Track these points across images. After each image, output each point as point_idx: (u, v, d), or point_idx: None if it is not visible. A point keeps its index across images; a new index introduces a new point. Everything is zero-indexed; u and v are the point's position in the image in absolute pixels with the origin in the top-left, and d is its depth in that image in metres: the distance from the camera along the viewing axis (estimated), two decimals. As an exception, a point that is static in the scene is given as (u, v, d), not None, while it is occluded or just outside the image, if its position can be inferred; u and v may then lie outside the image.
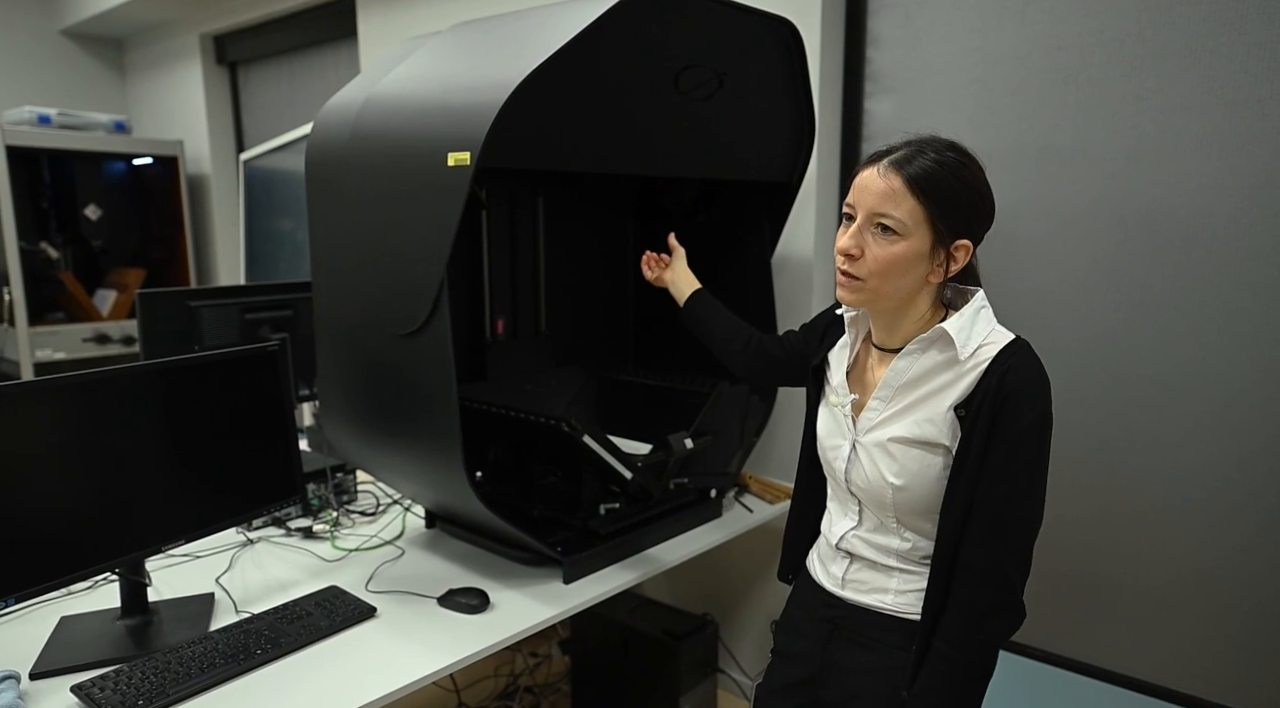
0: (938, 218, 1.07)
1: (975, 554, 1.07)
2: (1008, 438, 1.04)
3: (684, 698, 2.16)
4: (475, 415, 1.76)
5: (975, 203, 1.09)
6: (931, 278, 1.11)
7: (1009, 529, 1.07)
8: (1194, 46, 1.70)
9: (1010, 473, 1.05)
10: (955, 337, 1.08)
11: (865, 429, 1.18)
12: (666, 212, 2.30)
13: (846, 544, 1.24)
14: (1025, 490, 1.07)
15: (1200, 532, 1.79)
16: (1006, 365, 1.06)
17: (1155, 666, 1.88)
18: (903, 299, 1.13)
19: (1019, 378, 1.05)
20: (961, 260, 1.10)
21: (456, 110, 1.40)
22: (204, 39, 4.26)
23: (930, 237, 1.08)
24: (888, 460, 1.14)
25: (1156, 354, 1.81)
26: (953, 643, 1.08)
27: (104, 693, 1.22)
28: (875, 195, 1.08)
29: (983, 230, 1.13)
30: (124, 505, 1.42)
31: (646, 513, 1.87)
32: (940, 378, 1.11)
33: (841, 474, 1.21)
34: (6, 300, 3.82)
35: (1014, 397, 1.04)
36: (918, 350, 1.13)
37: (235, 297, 2.06)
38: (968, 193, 1.08)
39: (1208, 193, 1.72)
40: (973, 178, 1.09)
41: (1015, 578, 1.08)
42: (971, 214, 1.09)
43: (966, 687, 1.10)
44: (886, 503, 1.16)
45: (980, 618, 1.07)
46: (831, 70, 2.18)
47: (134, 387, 1.43)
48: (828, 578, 1.28)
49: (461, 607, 1.54)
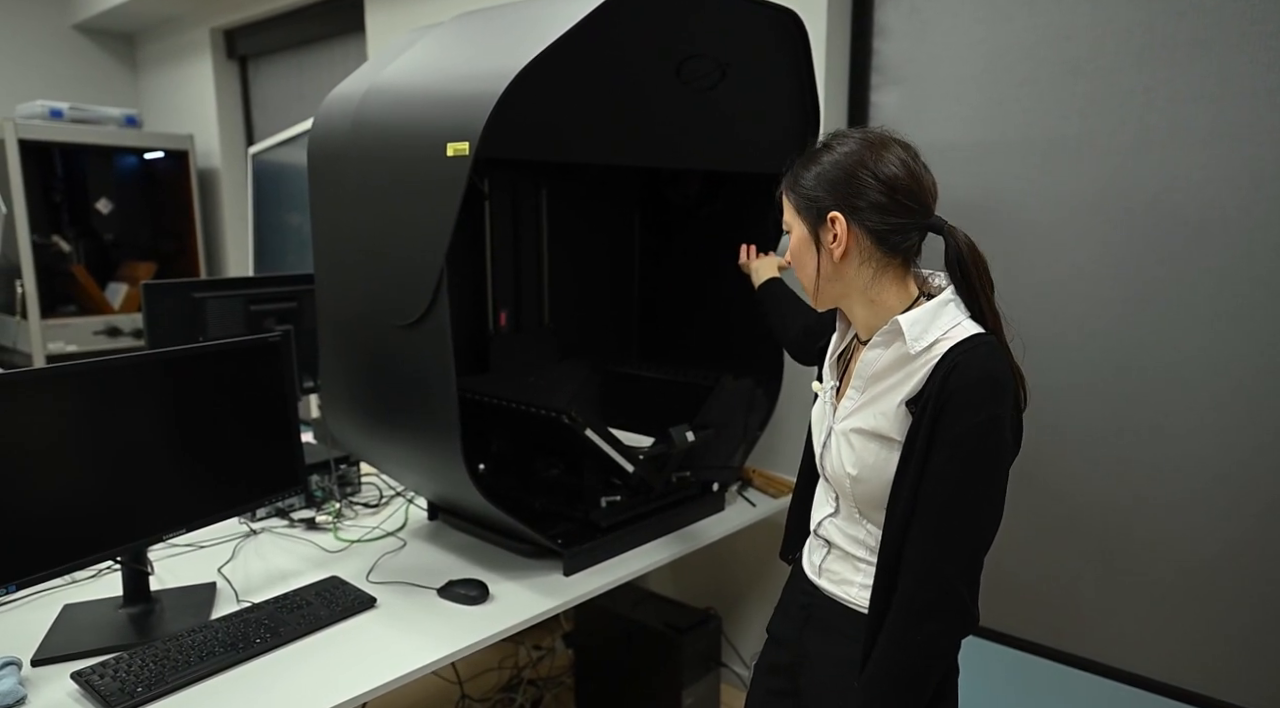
0: (799, 203, 1.12)
1: (915, 554, 1.05)
2: (948, 439, 1.01)
3: (687, 692, 2.16)
4: (477, 408, 1.76)
5: (836, 175, 1.08)
6: (830, 260, 1.10)
7: (949, 533, 1.03)
8: (1204, 37, 1.67)
9: (951, 476, 1.02)
10: (906, 330, 1.07)
11: (840, 418, 1.18)
12: (670, 203, 2.29)
13: (824, 531, 1.24)
14: (967, 495, 1.03)
15: (1207, 526, 1.77)
16: (953, 363, 1.02)
17: (1160, 662, 1.86)
18: (841, 292, 1.14)
19: (963, 378, 1.00)
20: (839, 231, 1.08)
21: (456, 100, 1.40)
22: (214, 33, 4.27)
23: (804, 222, 1.12)
24: (848, 450, 1.14)
25: (1163, 347, 1.79)
26: (893, 640, 1.06)
27: (104, 680, 1.23)
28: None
29: (860, 198, 1.07)
30: (127, 494, 1.43)
31: (648, 506, 1.86)
32: (902, 371, 1.09)
33: (819, 460, 1.23)
34: (19, 293, 3.85)
35: (956, 397, 1.00)
36: (882, 343, 1.12)
37: (240, 288, 2.07)
38: (825, 170, 1.09)
39: (1217, 185, 1.69)
40: (830, 156, 1.10)
41: (957, 582, 1.04)
42: (828, 187, 1.08)
43: (907, 686, 1.06)
44: (847, 492, 1.17)
45: (917, 618, 1.04)
46: (837, 61, 2.16)
47: (137, 376, 1.44)
48: (809, 565, 1.28)
49: (461, 598, 1.54)
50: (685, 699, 2.16)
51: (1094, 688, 1.95)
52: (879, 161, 1.07)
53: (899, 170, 1.07)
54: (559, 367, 2.20)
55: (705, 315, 2.30)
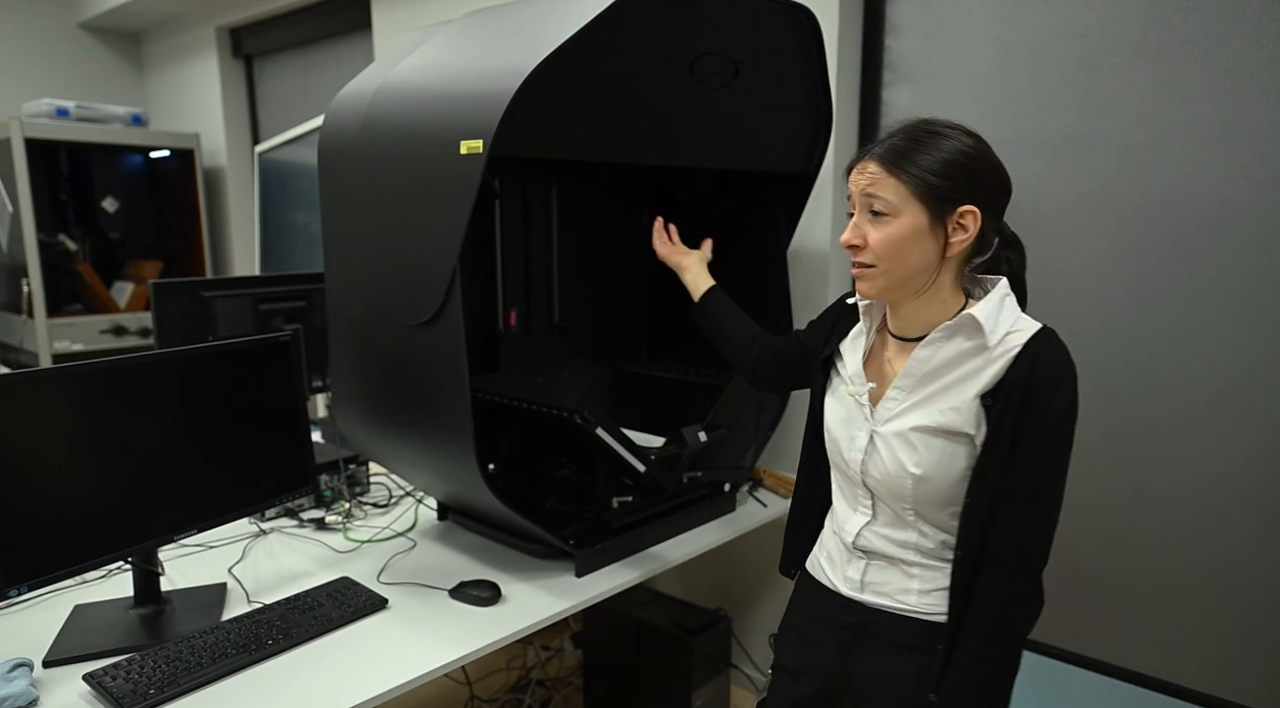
0: (922, 189, 1.05)
1: (1003, 545, 1.07)
2: (1036, 428, 1.04)
3: (696, 693, 2.15)
4: (487, 407, 1.75)
5: (964, 166, 1.06)
6: (947, 253, 1.08)
7: (1036, 519, 1.07)
8: (1221, 33, 1.66)
9: (1038, 463, 1.05)
10: (984, 323, 1.06)
11: (884, 419, 1.14)
12: (681, 202, 2.28)
13: (863, 542, 1.19)
14: (1052, 482, 1.07)
15: (1215, 523, 1.76)
16: (1035, 354, 1.04)
17: (1168, 662, 1.85)
18: (921, 284, 1.11)
19: (1048, 367, 1.03)
20: (972, 228, 1.06)
21: (469, 98, 1.39)
22: (220, 32, 4.27)
23: (924, 210, 1.06)
24: (908, 451, 1.11)
25: (1175, 345, 1.78)
26: (981, 636, 1.08)
27: (116, 682, 1.22)
28: (861, 185, 1.10)
29: (987, 194, 1.07)
30: (137, 494, 1.42)
31: (659, 507, 1.85)
32: (966, 366, 1.08)
33: (857, 466, 1.17)
34: (25, 292, 3.85)
35: (1044, 386, 1.03)
36: (942, 338, 1.10)
37: (249, 287, 2.06)
38: (950, 158, 1.05)
39: (1234, 183, 1.68)
40: (952, 144, 1.07)
41: (1038, 567, 1.08)
42: (959, 179, 1.05)
43: (995, 681, 1.09)
44: (905, 494, 1.13)
45: (1008, 609, 1.07)
46: (849, 59, 2.14)
47: (147, 376, 1.43)
48: (844, 582, 1.23)
49: (473, 599, 1.53)
50: (695, 701, 2.15)
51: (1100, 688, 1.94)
52: (996, 161, 1.09)
53: (1006, 175, 1.10)
54: (569, 366, 2.19)
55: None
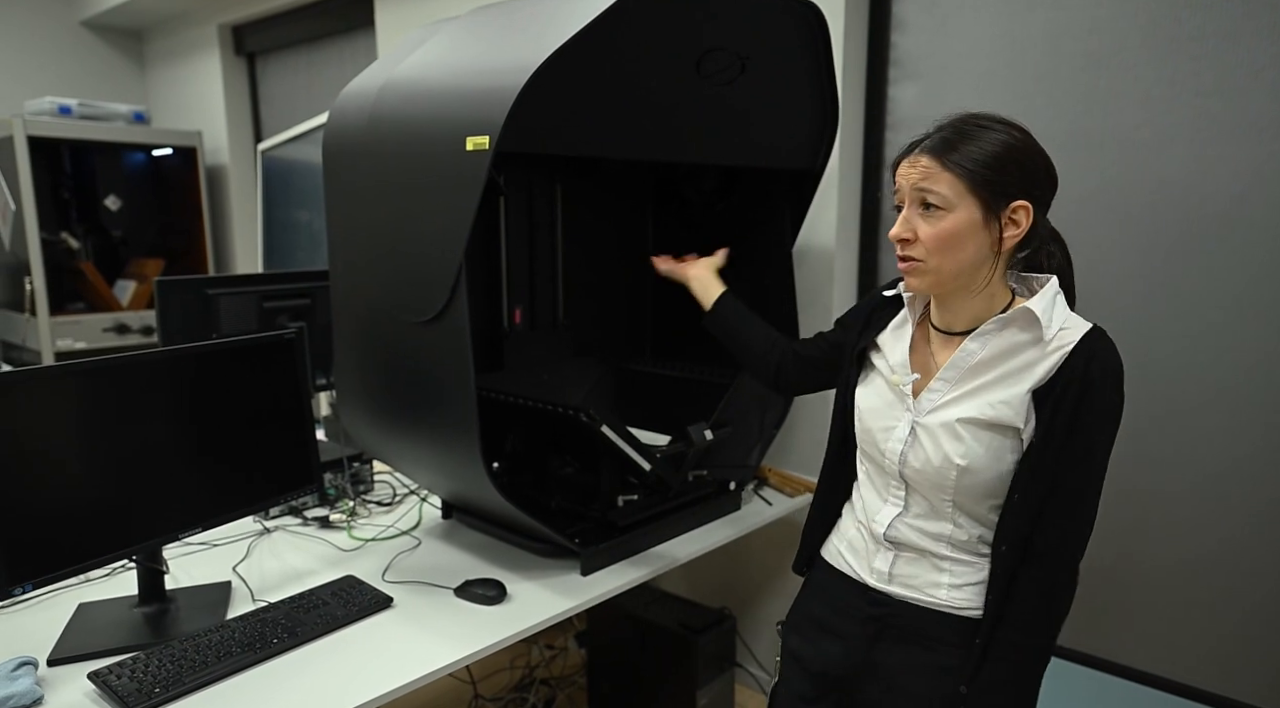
0: (977, 184, 1.05)
1: (1049, 538, 1.07)
2: (1089, 424, 1.05)
3: (701, 692, 2.14)
4: (493, 406, 1.74)
5: (1017, 160, 1.06)
6: (997, 247, 1.08)
7: (1080, 516, 1.08)
8: (1232, 28, 1.65)
9: (1087, 460, 1.06)
10: (1041, 316, 1.06)
11: (927, 410, 1.14)
12: (686, 200, 2.27)
13: (894, 533, 1.18)
14: (1096, 481, 1.08)
15: (1223, 521, 1.75)
16: (1092, 351, 1.05)
17: (1175, 661, 1.84)
18: (969, 279, 1.10)
19: (1104, 366, 1.05)
20: (1024, 223, 1.07)
21: (475, 94, 1.38)
22: (222, 29, 4.26)
23: (978, 205, 1.06)
24: (954, 442, 1.10)
25: (1184, 342, 1.77)
26: (1022, 628, 1.08)
27: (120, 681, 1.22)
28: (913, 179, 1.09)
29: (1038, 189, 1.08)
30: (141, 493, 1.41)
31: (665, 505, 1.85)
32: (1018, 359, 1.09)
33: (895, 456, 1.16)
34: (28, 290, 3.84)
35: (1098, 384, 1.04)
36: (993, 330, 1.10)
37: (253, 285, 2.06)
38: (1003, 152, 1.05)
39: (1243, 179, 1.67)
40: (1011, 140, 1.07)
41: (1079, 560, 1.10)
42: (1013, 173, 1.05)
43: (1033, 672, 1.11)
44: (947, 486, 1.12)
45: (1050, 600, 1.08)
46: (855, 55, 2.14)
47: (151, 373, 1.42)
48: (871, 573, 1.22)
49: (478, 598, 1.53)
50: (700, 700, 2.15)
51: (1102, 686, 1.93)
52: (1044, 152, 1.09)
53: (1052, 164, 1.10)
54: (574, 364, 2.19)
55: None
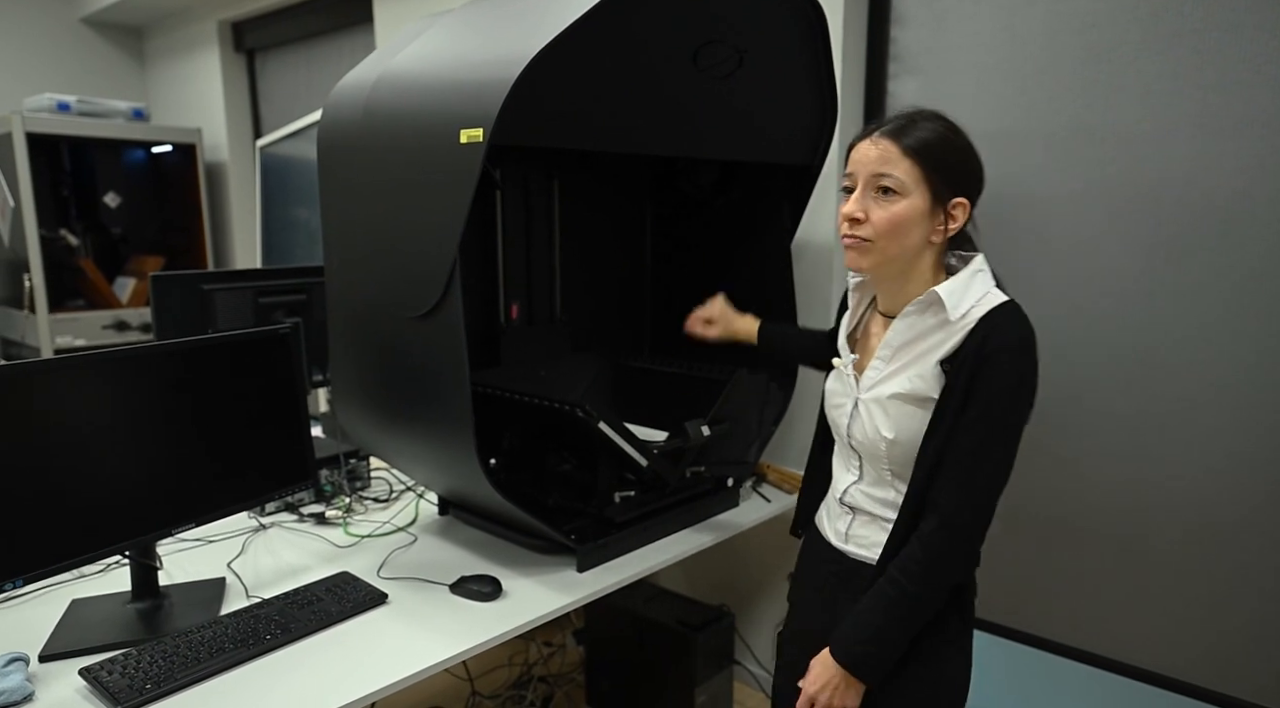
0: (933, 176, 1.13)
1: (941, 497, 1.14)
2: (983, 396, 1.10)
3: (699, 689, 2.14)
4: (489, 401, 1.73)
5: (966, 163, 1.16)
6: (933, 237, 1.17)
7: (974, 478, 1.13)
8: (1235, 20, 1.63)
9: (982, 426, 1.11)
10: (945, 299, 1.14)
11: (867, 387, 1.24)
12: (684, 194, 2.26)
13: (849, 498, 1.30)
14: (993, 447, 1.12)
15: (1223, 520, 1.74)
16: (992, 325, 1.11)
17: (1181, 660, 1.83)
18: (907, 263, 1.18)
19: (1001, 339, 1.10)
20: (960, 218, 1.16)
21: (469, 86, 1.37)
22: (222, 26, 4.26)
23: (928, 195, 1.14)
24: (884, 416, 1.20)
25: (1186, 337, 1.75)
26: (903, 571, 1.15)
27: (112, 677, 1.21)
28: (872, 161, 1.15)
29: (975, 192, 1.18)
30: (134, 487, 1.40)
31: (662, 502, 1.84)
32: (934, 337, 1.17)
33: (844, 430, 1.28)
34: (27, 287, 3.84)
35: (994, 357, 1.10)
36: (915, 312, 1.19)
37: (248, 280, 2.05)
38: (957, 153, 1.15)
39: (1248, 174, 1.66)
40: (960, 141, 1.16)
41: (974, 527, 1.15)
42: (963, 173, 1.16)
43: (899, 615, 1.15)
44: (881, 455, 1.22)
45: (934, 555, 1.14)
46: (854, 50, 2.12)
47: (145, 368, 1.41)
48: (833, 534, 1.34)
49: (474, 594, 1.52)
50: (698, 697, 2.14)
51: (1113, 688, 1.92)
52: (977, 157, 1.18)
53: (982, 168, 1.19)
54: (571, 360, 2.17)
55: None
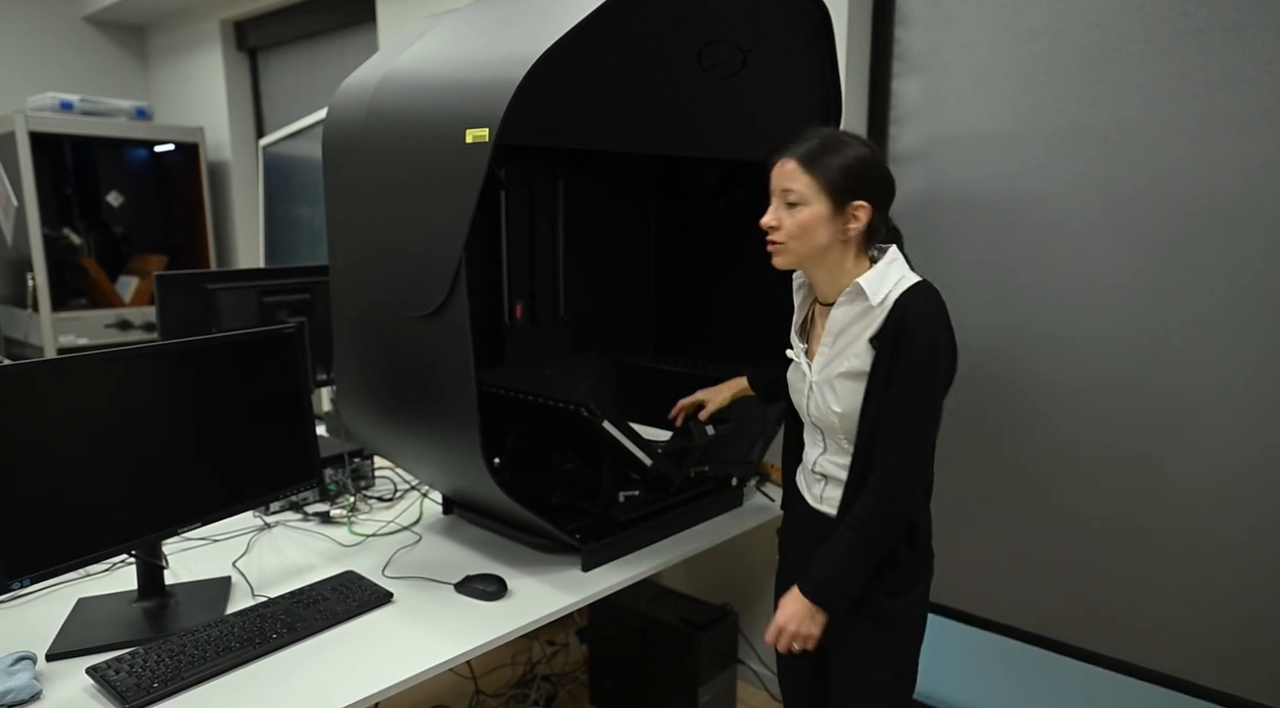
0: (828, 185, 1.31)
1: (883, 453, 1.33)
2: (906, 361, 1.29)
3: (703, 688, 2.14)
4: (493, 401, 1.73)
5: (863, 172, 1.32)
6: (842, 236, 1.34)
7: (908, 433, 1.31)
8: (1239, 19, 1.63)
9: (908, 388, 1.29)
10: (866, 288, 1.32)
11: (818, 370, 1.42)
12: (688, 194, 2.26)
13: (819, 468, 1.47)
14: (919, 402, 1.31)
15: (1229, 520, 1.74)
16: (905, 304, 1.30)
17: (1177, 658, 1.83)
18: (825, 259, 1.36)
19: (915, 313, 1.29)
20: (863, 218, 1.33)
21: (474, 86, 1.37)
22: (224, 25, 4.26)
23: (828, 202, 1.32)
24: (832, 394, 1.38)
25: (1190, 338, 1.75)
26: (857, 519, 1.35)
27: (119, 675, 1.21)
28: (780, 178, 1.36)
29: (877, 195, 1.34)
30: (140, 487, 1.41)
31: (666, 501, 1.84)
32: (864, 320, 1.34)
33: (805, 410, 1.46)
34: (30, 286, 3.84)
35: (910, 327, 1.28)
36: (846, 301, 1.36)
37: (253, 280, 2.05)
38: (853, 164, 1.31)
39: (1253, 173, 1.65)
40: (855, 152, 1.32)
41: (912, 474, 1.34)
42: (859, 181, 1.32)
43: (860, 555, 1.35)
44: (836, 428, 1.40)
45: (883, 502, 1.33)
46: (858, 49, 2.12)
47: (150, 367, 1.42)
48: (810, 497, 1.50)
49: (479, 593, 1.52)
50: (701, 697, 2.14)
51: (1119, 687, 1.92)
52: (883, 165, 1.36)
53: (891, 175, 1.37)
54: (576, 359, 2.18)
55: (722, 308, 2.27)
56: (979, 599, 2.14)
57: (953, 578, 2.16)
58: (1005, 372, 2.02)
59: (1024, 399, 1.99)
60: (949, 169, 2.05)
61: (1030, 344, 1.97)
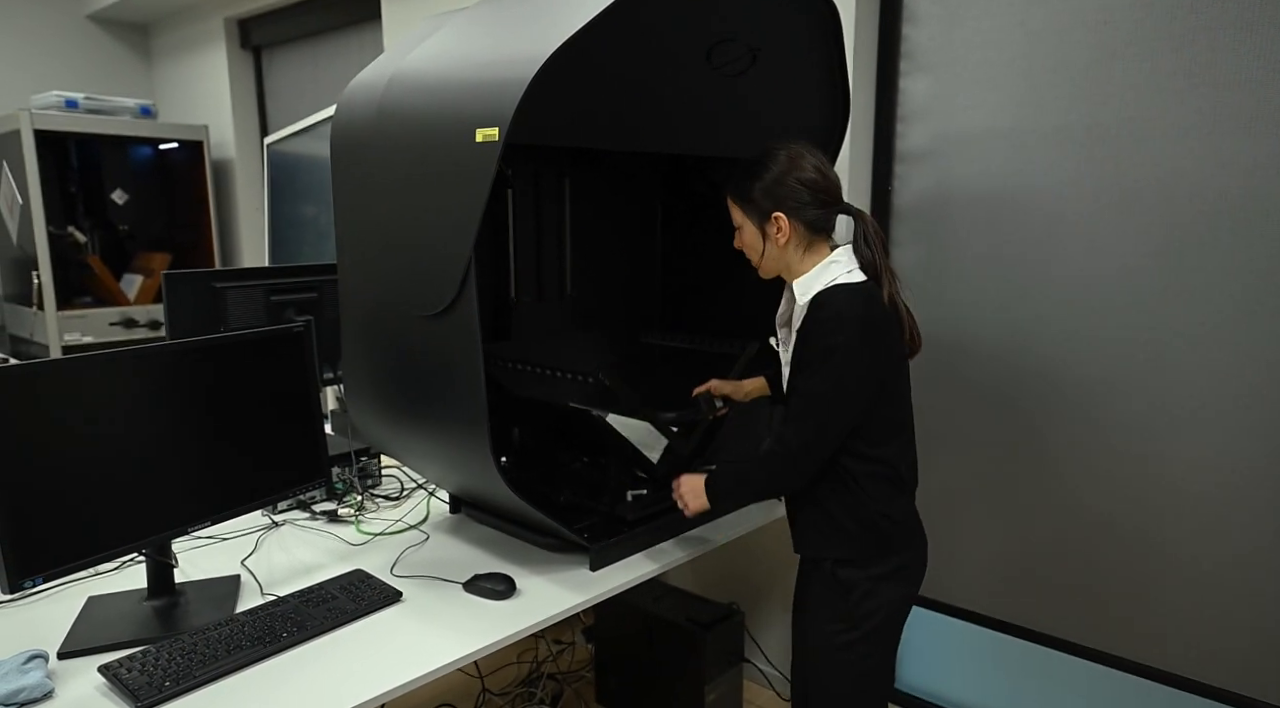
0: (751, 208, 1.48)
1: (783, 426, 1.47)
2: (809, 353, 1.42)
3: (709, 687, 2.14)
4: (499, 398, 1.73)
5: (773, 187, 1.45)
6: (779, 245, 1.47)
7: (801, 413, 1.44)
8: (1249, 18, 1.63)
9: (809, 377, 1.42)
10: (796, 288, 1.47)
11: (785, 360, 1.56)
12: (695, 192, 2.25)
13: None
14: (818, 390, 1.41)
15: (1238, 521, 1.73)
16: (819, 303, 1.42)
17: (1188, 659, 1.83)
18: (784, 264, 1.50)
19: (823, 312, 1.41)
20: (784, 227, 1.45)
21: (484, 86, 1.37)
22: (229, 23, 4.26)
23: (754, 221, 1.49)
24: (787, 379, 1.53)
25: (1204, 339, 1.75)
26: (753, 459, 1.52)
27: (131, 674, 1.22)
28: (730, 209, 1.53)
29: (789, 204, 1.44)
30: (150, 486, 1.41)
31: (673, 500, 1.83)
32: (799, 316, 1.47)
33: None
34: (35, 284, 3.85)
35: (817, 324, 1.41)
36: (788, 298, 1.53)
37: (260, 278, 2.05)
38: (768, 183, 1.44)
39: (1262, 172, 1.65)
40: (774, 170, 1.44)
41: (795, 448, 1.44)
42: (770, 196, 1.45)
43: (736, 482, 1.57)
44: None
45: (765, 457, 1.49)
46: (866, 47, 2.12)
47: (159, 366, 1.42)
48: None
49: (487, 592, 1.52)
50: (708, 695, 2.14)
51: (1119, 684, 1.92)
52: (800, 170, 1.45)
53: (815, 175, 1.45)
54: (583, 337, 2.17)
55: (729, 312, 2.27)
56: (980, 595, 2.14)
57: (953, 573, 2.16)
58: (1011, 368, 2.02)
59: (1029, 396, 1.99)
60: (956, 167, 2.05)
61: (1036, 341, 1.97)
